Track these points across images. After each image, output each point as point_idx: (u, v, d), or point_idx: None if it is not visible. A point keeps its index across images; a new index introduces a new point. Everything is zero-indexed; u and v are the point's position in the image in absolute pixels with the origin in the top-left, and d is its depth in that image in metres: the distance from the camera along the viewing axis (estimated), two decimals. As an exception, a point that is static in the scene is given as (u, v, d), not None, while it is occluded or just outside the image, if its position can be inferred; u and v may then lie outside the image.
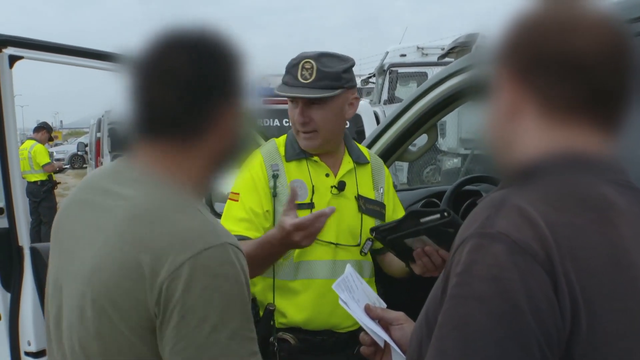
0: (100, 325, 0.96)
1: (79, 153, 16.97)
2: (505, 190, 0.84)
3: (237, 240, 1.02)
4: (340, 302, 1.27)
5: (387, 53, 12.44)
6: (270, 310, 1.80)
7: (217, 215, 1.97)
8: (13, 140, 2.28)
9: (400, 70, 11.55)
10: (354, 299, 1.29)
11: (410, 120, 2.41)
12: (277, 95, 1.78)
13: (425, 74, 10.75)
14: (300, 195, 1.81)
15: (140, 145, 1.06)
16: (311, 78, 1.75)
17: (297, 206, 1.77)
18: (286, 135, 1.93)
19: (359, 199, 1.89)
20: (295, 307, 1.81)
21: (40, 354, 2.31)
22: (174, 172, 1.03)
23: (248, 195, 1.82)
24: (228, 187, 1.88)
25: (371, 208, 1.91)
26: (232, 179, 1.85)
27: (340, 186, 1.86)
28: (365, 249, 1.88)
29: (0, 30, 2.33)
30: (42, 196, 8.39)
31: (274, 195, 1.82)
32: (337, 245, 1.83)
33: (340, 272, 1.40)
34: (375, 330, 1.21)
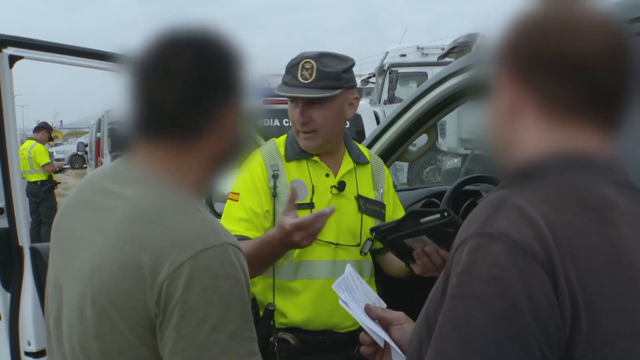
0: (100, 325, 0.96)
1: (79, 153, 16.98)
2: (505, 190, 0.84)
3: (237, 240, 1.02)
4: (340, 302, 1.27)
5: (387, 53, 12.43)
6: (270, 310, 1.80)
7: (217, 215, 1.97)
8: (13, 140, 2.28)
9: (400, 70, 11.55)
10: (354, 299, 1.29)
11: (410, 120, 2.41)
12: (277, 95, 1.78)
13: (425, 74, 10.74)
14: (300, 195, 1.81)
15: (141, 144, 1.05)
16: (311, 78, 1.75)
17: (297, 206, 1.77)
18: (286, 136, 1.92)
19: (359, 199, 1.88)
20: (295, 307, 1.81)
21: (40, 354, 2.30)
22: (174, 172, 1.03)
23: (248, 195, 1.82)
24: (228, 187, 1.88)
25: (371, 208, 1.90)
26: (232, 179, 1.85)
27: (340, 186, 1.86)
28: (365, 249, 1.88)
29: (0, 30, 2.32)
30: (42, 196, 8.39)
31: (274, 195, 1.81)
32: (337, 245, 1.82)
33: (340, 272, 1.40)
34: (375, 330, 1.21)
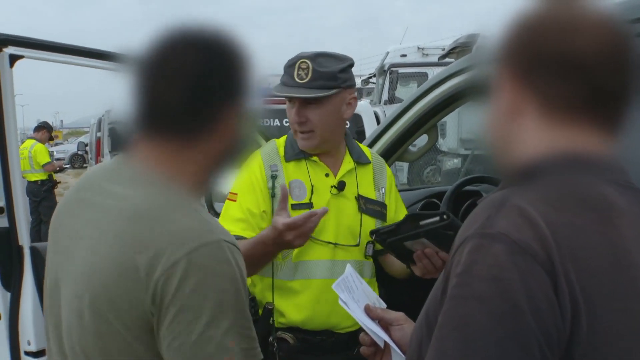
0: (98, 326, 0.96)
1: (79, 152, 16.99)
2: (506, 190, 0.84)
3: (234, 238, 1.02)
4: (340, 302, 1.27)
5: (388, 53, 12.42)
6: (268, 309, 1.80)
7: (217, 215, 1.97)
8: (13, 140, 2.28)
9: (401, 70, 11.54)
10: (353, 299, 1.29)
11: (410, 121, 2.41)
12: (274, 95, 1.78)
13: (425, 74, 10.73)
14: (298, 195, 1.81)
15: (140, 142, 1.05)
16: (307, 78, 1.76)
17: (296, 206, 1.77)
18: (286, 136, 1.93)
19: (359, 199, 1.88)
20: (294, 307, 1.81)
21: (40, 353, 2.30)
22: (172, 171, 1.03)
23: (246, 195, 1.83)
24: (228, 188, 1.88)
25: (372, 208, 1.90)
26: (232, 180, 1.86)
27: (340, 186, 1.86)
28: (369, 252, 1.87)
29: (0, 30, 2.32)
30: (43, 195, 8.40)
31: (273, 195, 1.82)
32: (336, 245, 1.82)
33: (339, 272, 1.40)
34: (375, 330, 1.20)
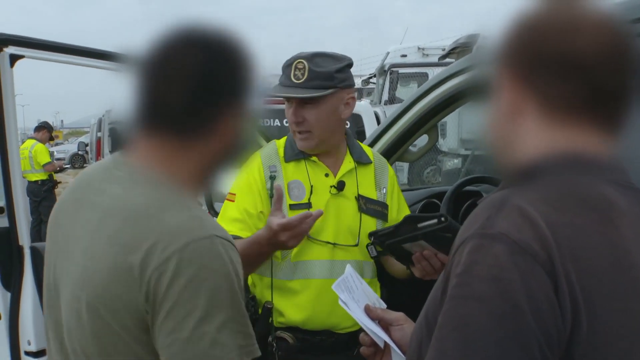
0: (96, 327, 0.96)
1: (79, 152, 17.02)
2: (506, 190, 0.84)
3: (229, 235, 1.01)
4: (340, 303, 1.27)
5: (388, 53, 12.42)
6: (268, 308, 1.80)
7: (217, 215, 1.98)
8: (14, 140, 2.28)
9: (401, 70, 11.54)
10: (353, 299, 1.28)
11: (410, 121, 2.40)
12: (272, 95, 1.78)
13: (426, 75, 10.73)
14: (297, 195, 1.82)
15: (139, 141, 1.05)
16: (303, 78, 1.76)
17: (295, 206, 1.77)
18: (287, 137, 1.93)
19: (359, 198, 1.88)
20: (294, 307, 1.81)
21: (40, 353, 2.31)
22: (170, 170, 1.02)
23: (244, 196, 1.83)
24: (228, 188, 1.89)
25: (372, 208, 1.90)
26: (232, 180, 1.86)
27: (340, 186, 1.86)
28: (372, 254, 1.86)
29: (0, 30, 2.32)
30: (43, 195, 8.40)
31: (271, 196, 1.82)
32: (335, 245, 1.82)
33: (338, 272, 1.39)
34: (375, 330, 1.20)
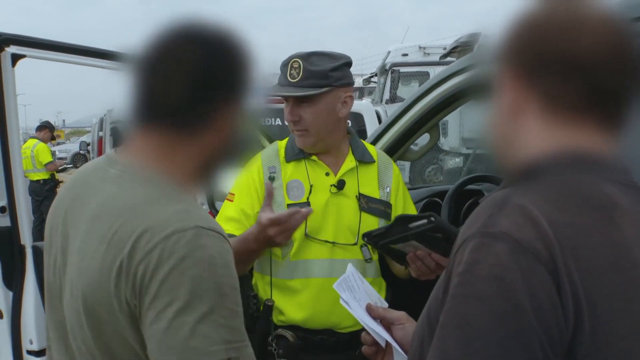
0: (94, 326, 0.97)
1: (81, 152, 17.05)
2: (508, 189, 0.84)
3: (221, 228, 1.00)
4: (342, 302, 1.27)
5: (389, 52, 12.42)
6: (268, 306, 1.81)
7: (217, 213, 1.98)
8: (15, 139, 2.29)
9: (402, 69, 11.54)
10: (355, 298, 1.28)
11: (412, 120, 2.40)
12: (269, 94, 1.80)
13: (427, 74, 10.72)
14: (296, 195, 1.83)
15: (137, 137, 1.05)
16: (298, 77, 1.78)
17: (293, 206, 1.78)
18: (288, 137, 1.94)
19: (360, 197, 1.88)
20: (294, 306, 1.81)
21: (42, 352, 2.31)
22: (166, 166, 1.02)
23: (242, 196, 1.85)
24: (229, 187, 1.90)
25: (374, 207, 1.89)
26: (233, 180, 1.88)
27: (340, 185, 1.86)
28: (366, 255, 1.85)
29: (0, 30, 2.32)
30: (45, 195, 8.41)
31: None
32: (335, 244, 1.82)
33: (338, 271, 1.39)
34: (376, 330, 1.20)
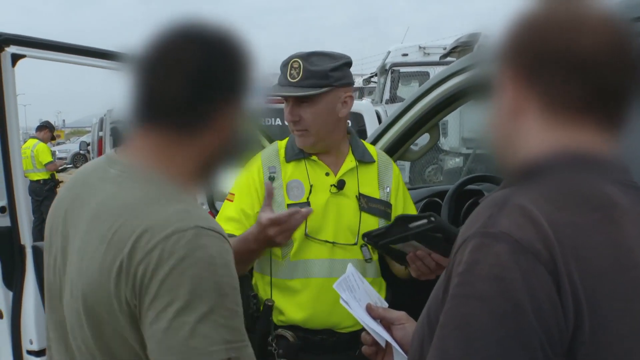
0: (94, 326, 0.97)
1: (81, 152, 17.06)
2: (508, 189, 0.84)
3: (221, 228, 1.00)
4: (342, 302, 1.27)
5: (389, 52, 12.42)
6: (268, 306, 1.81)
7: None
8: (15, 139, 2.29)
9: (402, 69, 11.54)
10: (355, 298, 1.28)
11: (412, 120, 2.40)
12: (268, 94, 1.80)
13: (427, 74, 10.73)
14: (296, 195, 1.84)
15: (136, 137, 1.05)
16: (298, 77, 1.78)
17: (293, 206, 1.78)
18: (288, 138, 1.94)
19: (360, 197, 1.88)
20: (294, 306, 1.81)
21: (42, 352, 2.31)
22: (166, 165, 1.02)
23: (242, 196, 1.86)
24: (229, 187, 1.90)
25: (374, 207, 1.89)
26: (233, 179, 1.88)
27: (340, 185, 1.86)
28: (366, 255, 1.86)
29: (0, 30, 2.32)
30: (45, 195, 8.42)
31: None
32: (335, 244, 1.82)
33: (338, 271, 1.39)
34: (376, 330, 1.20)
